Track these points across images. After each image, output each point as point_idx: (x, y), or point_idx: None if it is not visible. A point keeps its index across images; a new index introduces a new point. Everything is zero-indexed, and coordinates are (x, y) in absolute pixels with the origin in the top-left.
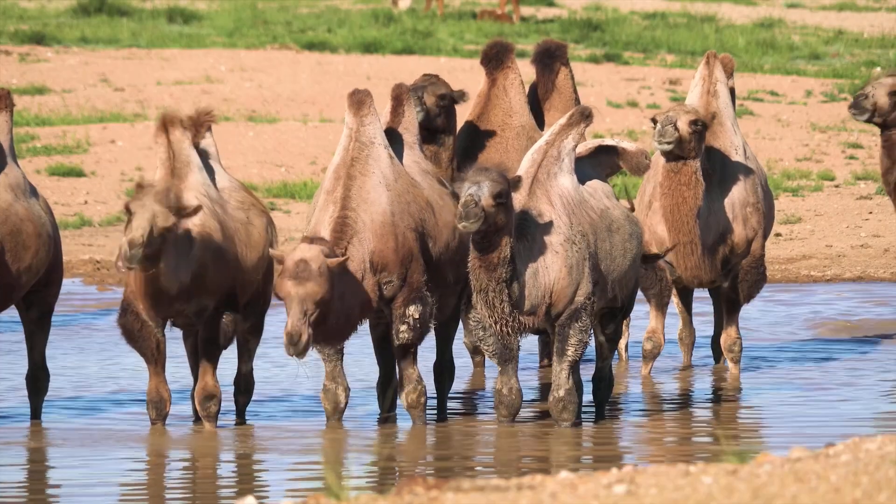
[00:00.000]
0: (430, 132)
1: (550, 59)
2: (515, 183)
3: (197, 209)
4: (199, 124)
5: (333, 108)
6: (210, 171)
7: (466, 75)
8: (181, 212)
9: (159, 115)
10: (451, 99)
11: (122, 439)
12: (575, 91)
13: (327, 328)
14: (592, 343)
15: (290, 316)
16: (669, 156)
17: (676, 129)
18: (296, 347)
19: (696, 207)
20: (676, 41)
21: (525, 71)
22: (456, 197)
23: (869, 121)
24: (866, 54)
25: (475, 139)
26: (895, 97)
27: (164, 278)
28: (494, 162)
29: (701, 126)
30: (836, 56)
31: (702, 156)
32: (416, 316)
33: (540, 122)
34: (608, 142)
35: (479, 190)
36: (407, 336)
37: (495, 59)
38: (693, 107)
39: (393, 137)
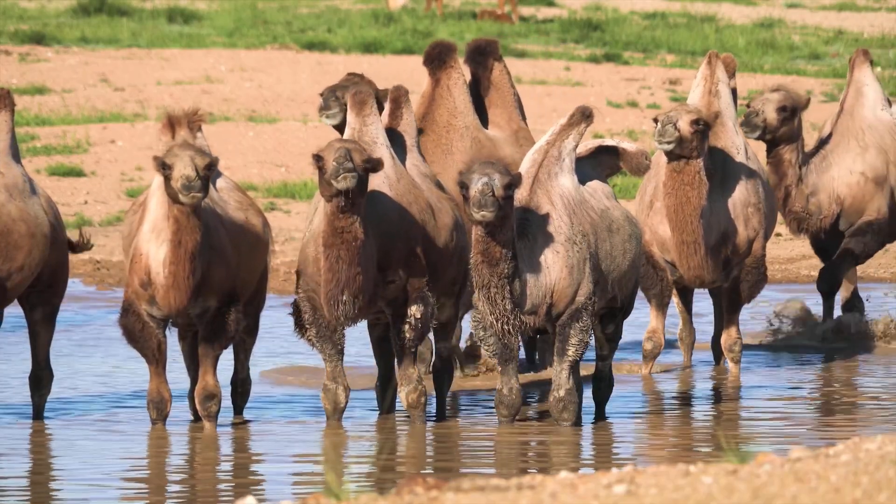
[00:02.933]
0: None
1: (483, 55)
2: (518, 179)
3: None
4: (190, 125)
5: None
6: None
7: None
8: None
9: (165, 113)
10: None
11: (123, 439)
12: (512, 85)
13: (357, 260)
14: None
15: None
16: (671, 155)
17: (677, 128)
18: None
19: (699, 207)
20: (676, 41)
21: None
22: (464, 187)
23: (760, 138)
24: None
25: (420, 139)
26: (783, 113)
27: (200, 258)
28: (496, 158)
29: (703, 126)
30: (836, 56)
31: (705, 156)
32: (418, 316)
33: (483, 120)
34: (608, 142)
35: (491, 180)
36: (408, 336)
37: (438, 58)
38: (696, 107)
39: (392, 139)
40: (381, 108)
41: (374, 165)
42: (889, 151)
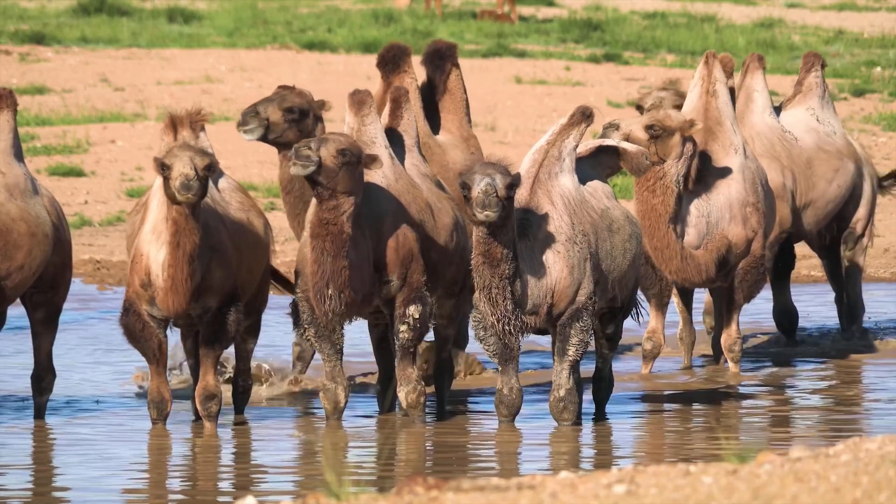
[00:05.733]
0: (284, 146)
1: (441, 59)
2: (518, 179)
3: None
4: (193, 124)
5: (333, 108)
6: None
7: (466, 75)
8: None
9: (167, 113)
10: (300, 111)
11: (123, 439)
12: (464, 92)
13: (343, 253)
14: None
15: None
16: None
17: (624, 133)
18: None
19: (666, 214)
20: (676, 41)
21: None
22: (466, 188)
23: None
24: (866, 54)
25: None
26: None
27: (199, 260)
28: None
29: (658, 131)
30: (836, 56)
31: (682, 161)
32: (416, 316)
33: (433, 125)
34: (609, 142)
35: (493, 181)
36: (407, 336)
37: (392, 62)
38: (660, 113)
39: (392, 139)
40: (318, 120)
41: (351, 158)
42: (781, 158)
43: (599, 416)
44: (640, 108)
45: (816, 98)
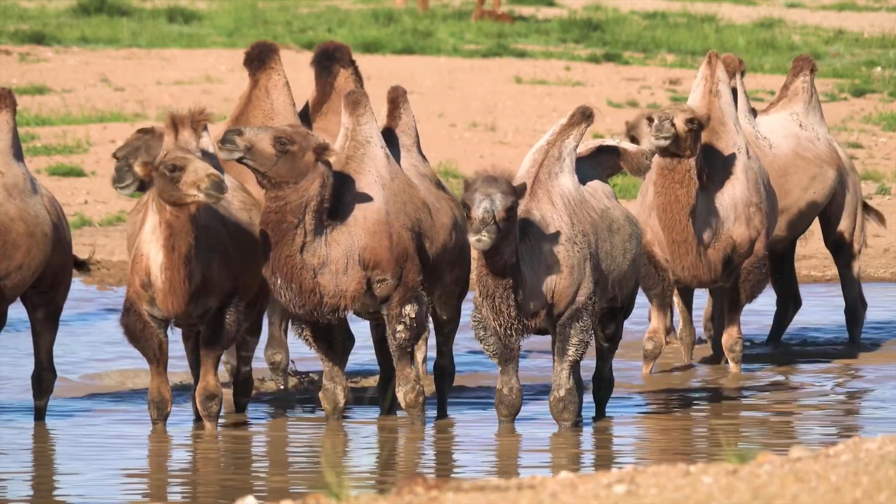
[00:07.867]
0: None
1: (329, 60)
2: (522, 191)
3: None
4: (196, 124)
5: None
6: None
7: (466, 75)
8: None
9: (168, 113)
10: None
11: (123, 439)
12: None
13: (284, 241)
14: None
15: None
16: (665, 153)
17: (673, 125)
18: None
19: (688, 206)
20: (676, 41)
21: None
22: (466, 207)
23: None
24: (866, 54)
25: None
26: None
27: (198, 261)
28: (500, 168)
29: (697, 125)
30: (836, 56)
31: (698, 156)
32: (413, 315)
33: (321, 126)
34: (609, 142)
35: (492, 205)
36: (403, 336)
37: (258, 59)
38: (690, 106)
39: (390, 139)
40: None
41: (290, 147)
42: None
43: (599, 416)
44: (650, 119)
45: (802, 103)
